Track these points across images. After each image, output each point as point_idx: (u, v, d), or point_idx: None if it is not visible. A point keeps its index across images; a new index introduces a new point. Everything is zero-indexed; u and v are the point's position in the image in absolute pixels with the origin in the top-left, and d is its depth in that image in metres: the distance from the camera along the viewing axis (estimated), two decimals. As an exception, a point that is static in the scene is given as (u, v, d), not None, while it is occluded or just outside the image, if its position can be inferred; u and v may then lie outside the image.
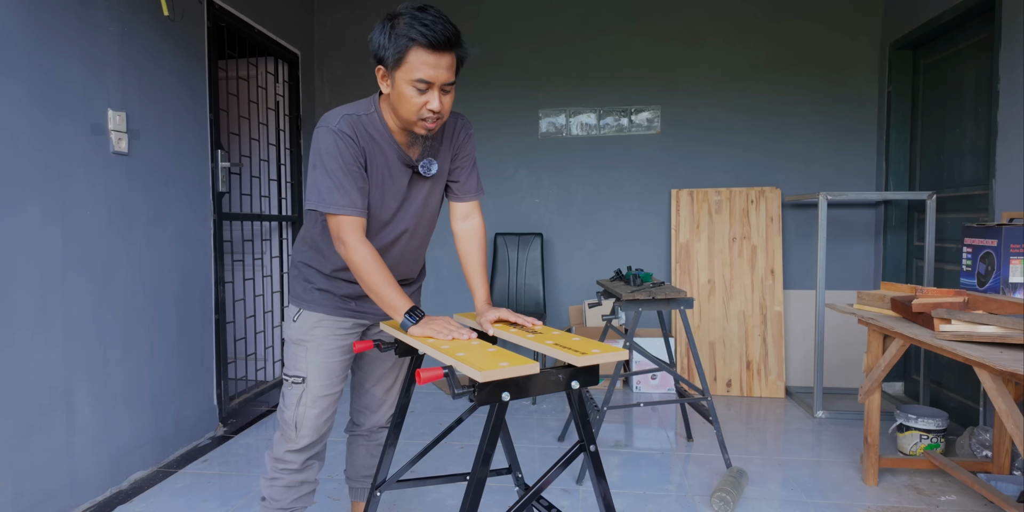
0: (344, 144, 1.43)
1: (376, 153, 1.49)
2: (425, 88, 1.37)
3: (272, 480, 1.66)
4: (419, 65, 1.35)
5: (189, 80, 2.81)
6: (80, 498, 2.21)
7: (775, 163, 3.83)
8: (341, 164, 1.43)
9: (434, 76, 1.37)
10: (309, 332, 1.61)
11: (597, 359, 1.24)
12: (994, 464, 2.32)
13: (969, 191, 3.00)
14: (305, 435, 1.62)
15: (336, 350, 1.63)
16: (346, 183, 1.43)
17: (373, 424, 1.84)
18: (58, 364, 2.11)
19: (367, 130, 1.48)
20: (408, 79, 1.37)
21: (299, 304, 1.64)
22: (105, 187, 2.31)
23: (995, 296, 1.95)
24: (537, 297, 3.91)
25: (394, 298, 1.42)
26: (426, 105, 1.39)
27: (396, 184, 1.55)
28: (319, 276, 1.64)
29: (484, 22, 4.02)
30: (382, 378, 1.80)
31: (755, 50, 3.80)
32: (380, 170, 1.51)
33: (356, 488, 1.91)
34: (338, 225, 1.44)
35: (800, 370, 3.75)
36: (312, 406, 1.61)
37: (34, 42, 2.01)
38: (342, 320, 1.64)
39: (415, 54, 1.35)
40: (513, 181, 4.07)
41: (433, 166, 1.56)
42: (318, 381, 1.61)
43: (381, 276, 1.42)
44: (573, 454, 1.31)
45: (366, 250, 1.43)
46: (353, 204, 1.44)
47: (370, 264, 1.42)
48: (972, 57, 3.00)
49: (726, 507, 2.17)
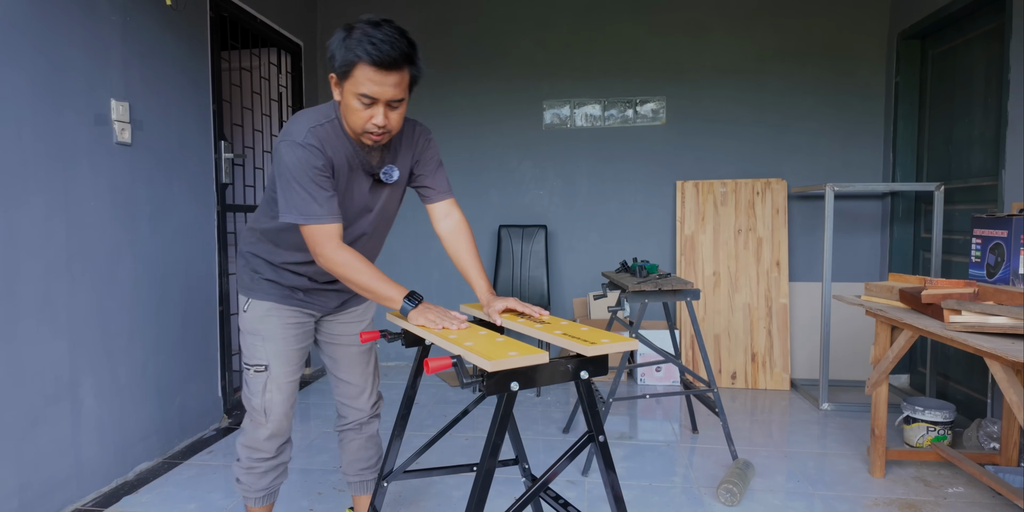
0: (313, 156, 1.43)
1: (340, 161, 1.50)
2: (370, 103, 1.38)
3: (249, 469, 1.70)
4: (364, 81, 1.35)
5: (192, 71, 2.79)
6: (86, 489, 2.21)
7: (781, 154, 3.80)
8: (313, 176, 1.43)
9: (379, 92, 1.37)
10: (262, 321, 1.64)
11: (607, 349, 1.23)
12: (1002, 456, 2.31)
13: (978, 182, 2.97)
14: (276, 419, 1.65)
15: (291, 338, 1.66)
16: (320, 194, 1.44)
17: (359, 414, 1.83)
18: (63, 355, 2.11)
19: (330, 138, 1.48)
20: (354, 92, 1.38)
21: (248, 294, 1.66)
22: (109, 178, 2.30)
23: (1005, 287, 1.93)
24: (541, 289, 3.90)
25: (389, 290, 1.44)
26: (371, 119, 1.40)
27: (358, 190, 1.56)
28: (267, 266, 1.66)
29: (487, 12, 3.99)
30: (354, 364, 1.80)
31: (761, 40, 3.77)
32: (344, 177, 1.52)
33: (354, 482, 1.90)
34: (318, 234, 1.45)
35: (805, 362, 3.74)
36: (278, 392, 1.65)
37: (37, 32, 2.00)
38: (291, 309, 1.66)
39: (361, 70, 1.35)
40: (517, 173, 4.05)
41: (395, 173, 1.58)
42: (281, 368, 1.64)
43: (368, 273, 1.44)
44: (581, 444, 1.30)
45: (347, 254, 1.45)
46: (331, 212, 1.45)
47: (355, 265, 1.44)
48: (982, 47, 2.97)
49: (732, 499, 2.16)
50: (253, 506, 1.74)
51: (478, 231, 4.06)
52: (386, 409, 3.23)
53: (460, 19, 4.02)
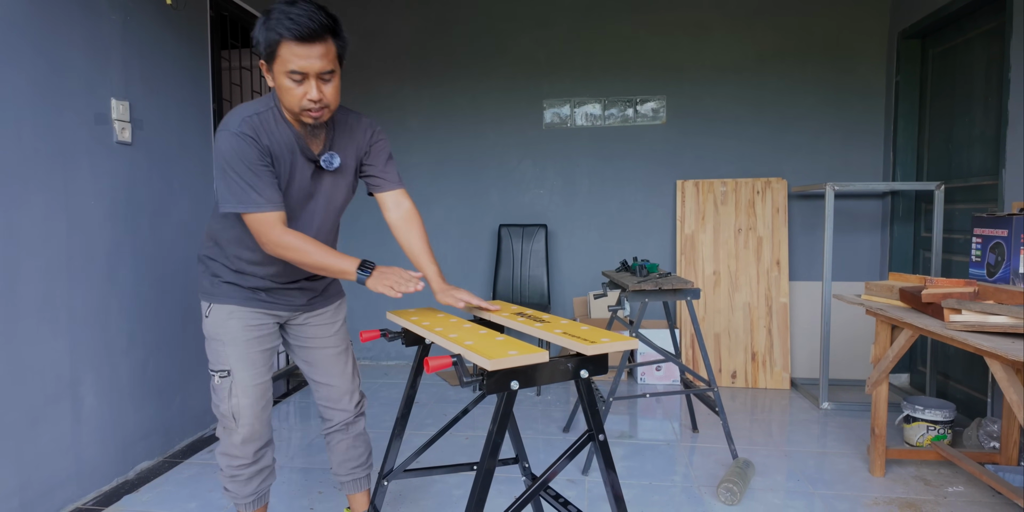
0: (247, 145, 1.45)
1: (280, 150, 1.51)
2: (301, 78, 1.41)
3: (232, 478, 1.68)
4: (290, 57, 1.38)
5: (192, 70, 2.79)
6: (87, 488, 2.22)
7: (781, 154, 3.80)
8: (249, 165, 1.44)
9: (306, 66, 1.39)
10: (223, 325, 1.61)
11: (607, 348, 1.23)
12: (1002, 455, 2.31)
13: (978, 181, 2.97)
14: (247, 423, 1.63)
15: (254, 341, 1.63)
16: (258, 182, 1.45)
17: (344, 415, 1.82)
18: (64, 354, 2.11)
19: (268, 128, 1.49)
20: (283, 71, 1.40)
21: (208, 298, 1.64)
22: (109, 177, 2.30)
23: (1005, 286, 1.93)
24: (542, 288, 3.90)
25: (341, 263, 1.44)
26: (305, 95, 1.42)
27: (300, 177, 1.56)
28: (224, 269, 1.65)
29: (487, 11, 3.99)
30: (330, 366, 1.78)
31: (762, 39, 3.77)
32: (285, 166, 1.53)
33: (347, 482, 1.89)
34: (260, 222, 1.45)
35: (805, 362, 3.74)
36: (244, 396, 1.62)
37: (37, 31, 2.00)
38: (254, 311, 1.64)
39: (285, 47, 1.38)
40: (517, 172, 4.05)
41: (335, 159, 1.58)
42: (244, 372, 1.62)
43: (317, 251, 1.44)
44: (581, 443, 1.30)
45: (291, 237, 1.45)
46: (270, 200, 1.46)
47: (302, 246, 1.44)
48: (982, 46, 2.97)
49: (732, 498, 2.17)
50: (245, 511, 1.73)
51: (478, 230, 4.07)
52: (386, 408, 3.23)
53: (460, 18, 4.02)
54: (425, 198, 4.05)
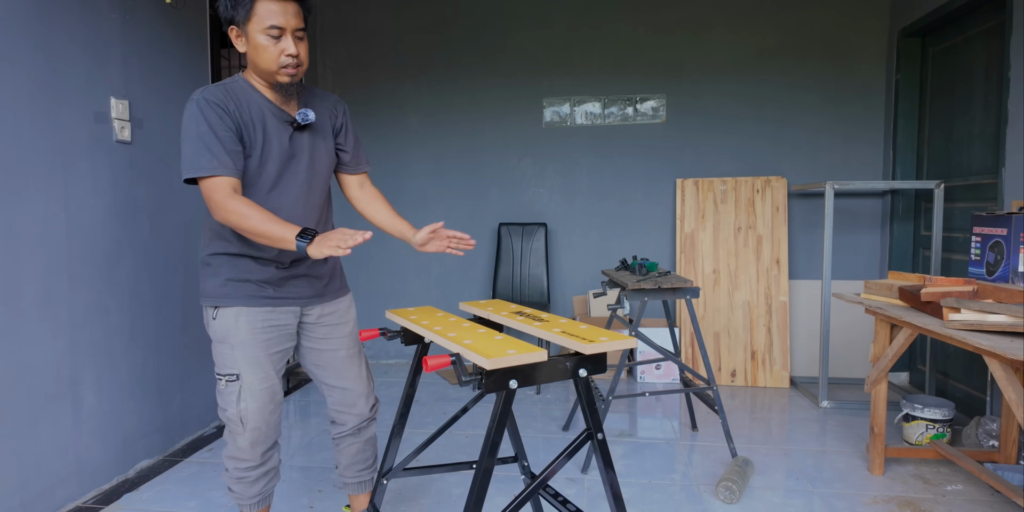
0: (208, 109, 1.46)
1: (251, 113, 1.53)
2: (278, 34, 1.48)
3: (239, 480, 1.67)
4: (267, 14, 1.46)
5: (192, 68, 2.79)
6: (87, 486, 2.22)
7: (781, 152, 3.80)
8: (207, 128, 1.45)
9: (284, 22, 1.47)
10: (232, 328, 1.58)
11: (605, 347, 1.23)
12: (1001, 454, 2.31)
13: (978, 180, 2.97)
14: (254, 427, 1.62)
15: (262, 344, 1.60)
16: (213, 145, 1.44)
17: (358, 420, 1.80)
18: (64, 353, 2.11)
19: (235, 95, 1.53)
20: (260, 28, 1.47)
21: (214, 301, 1.60)
22: (109, 176, 2.30)
23: (1005, 285, 1.93)
24: (541, 287, 3.90)
25: (281, 231, 1.37)
26: (284, 52, 1.48)
27: (279, 142, 1.57)
28: (228, 265, 1.60)
29: (487, 10, 3.99)
30: (343, 369, 1.76)
31: (761, 38, 3.76)
32: (258, 130, 1.54)
33: (352, 483, 1.89)
34: (209, 188, 1.44)
35: (805, 360, 3.75)
36: (252, 400, 1.60)
37: (37, 30, 2.00)
38: (262, 311, 1.61)
39: (262, 4, 1.46)
40: (517, 171, 4.04)
41: (310, 114, 1.59)
42: (252, 376, 1.60)
43: (259, 217, 1.39)
44: (580, 442, 1.30)
45: (237, 200, 1.41)
46: (223, 164, 1.44)
47: (244, 209, 1.40)
48: (982, 44, 2.96)
49: (732, 496, 2.17)
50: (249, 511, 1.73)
51: (478, 229, 4.06)
52: (385, 407, 3.23)
53: (460, 16, 4.02)
54: (425, 196, 4.05)
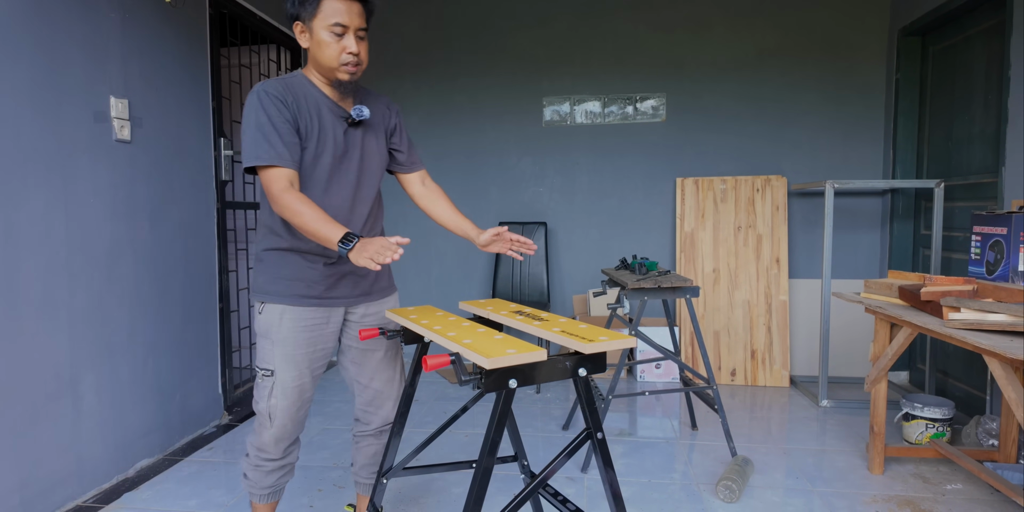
0: (268, 101, 1.50)
1: (308, 108, 1.57)
2: (342, 32, 1.51)
3: (256, 467, 1.71)
4: (332, 11, 1.49)
5: (191, 68, 2.79)
6: (87, 485, 2.22)
7: (781, 151, 3.80)
8: (266, 119, 1.49)
9: (348, 20, 1.50)
10: (273, 324, 1.62)
11: (604, 346, 1.23)
12: (1000, 453, 2.31)
13: (978, 179, 2.97)
14: (280, 424, 1.65)
15: (303, 342, 1.63)
16: (271, 136, 1.48)
17: (382, 422, 1.80)
18: (64, 352, 2.11)
19: (294, 89, 1.57)
20: (324, 25, 1.50)
21: (262, 297, 1.64)
22: (108, 175, 2.30)
23: (1004, 284, 1.93)
24: (541, 286, 3.90)
25: (329, 230, 1.39)
26: (345, 49, 1.52)
27: (334, 136, 1.60)
28: (280, 261, 1.63)
29: (487, 9, 3.98)
30: (378, 371, 1.77)
31: (762, 37, 3.76)
32: (314, 122, 1.57)
33: (364, 483, 1.90)
34: (267, 178, 1.48)
35: (805, 359, 3.75)
36: (283, 398, 1.63)
37: (36, 29, 1.99)
38: (307, 310, 1.63)
39: (327, 3, 1.49)
40: (517, 170, 4.04)
41: (364, 110, 1.61)
42: (286, 373, 1.62)
43: (310, 212, 1.42)
44: (580, 441, 1.30)
45: (293, 195, 1.45)
46: (280, 156, 1.48)
47: (298, 206, 1.43)
48: (982, 43, 2.96)
49: (731, 495, 2.17)
50: (257, 502, 1.74)
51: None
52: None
53: (460, 15, 4.02)
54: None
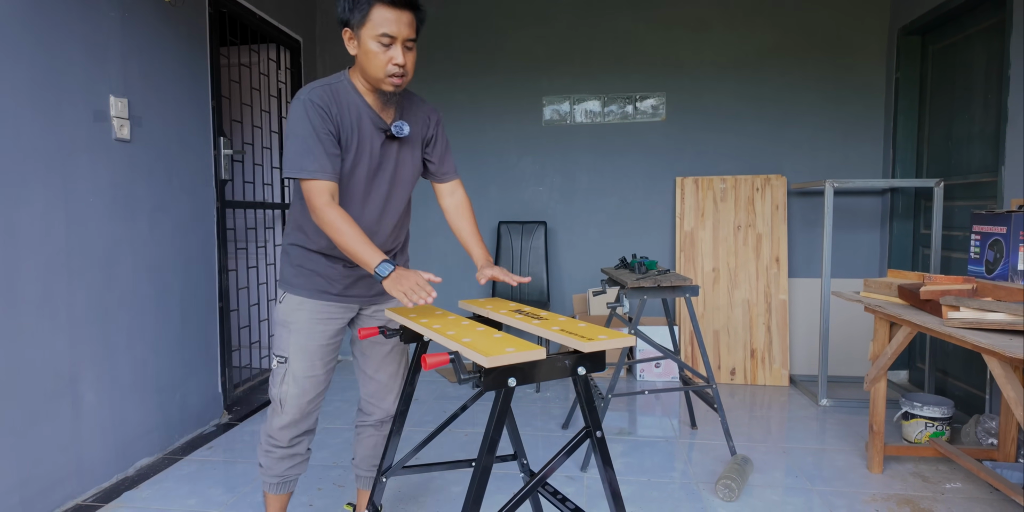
0: (313, 112, 1.51)
1: (349, 118, 1.58)
2: (389, 42, 1.49)
3: (267, 452, 1.75)
4: (381, 21, 1.47)
5: (191, 67, 2.79)
6: (87, 484, 2.22)
7: (781, 150, 3.80)
8: (311, 130, 1.51)
9: (396, 31, 1.48)
10: (292, 314, 1.67)
11: (603, 345, 1.23)
12: (1000, 452, 2.31)
13: (977, 178, 2.97)
14: (289, 412, 1.69)
15: (318, 334, 1.68)
16: (316, 148, 1.50)
17: (383, 414, 1.84)
18: (63, 351, 2.11)
19: (339, 97, 1.57)
20: (373, 35, 1.49)
21: (284, 287, 1.71)
22: (108, 174, 2.30)
23: (1004, 283, 1.93)
24: (541, 285, 3.90)
25: (367, 254, 1.45)
26: (392, 60, 1.50)
27: (371, 148, 1.62)
28: (304, 257, 1.69)
29: (486, 7, 3.98)
30: (384, 364, 1.80)
31: (761, 36, 3.76)
32: (353, 134, 1.58)
33: (363, 477, 1.92)
34: (309, 190, 1.50)
35: (804, 359, 3.75)
36: (293, 385, 1.67)
37: (36, 28, 1.99)
38: (323, 304, 1.68)
39: (377, 11, 1.47)
40: (517, 169, 4.04)
41: (405, 127, 1.63)
42: (299, 363, 1.67)
43: (351, 233, 1.46)
44: (579, 440, 1.30)
45: (335, 212, 1.48)
46: (323, 168, 1.50)
47: (340, 224, 1.47)
48: (982, 42, 2.96)
49: (731, 494, 2.17)
50: (270, 492, 1.77)
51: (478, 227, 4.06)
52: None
53: (459, 14, 4.01)
54: (424, 195, 4.05)
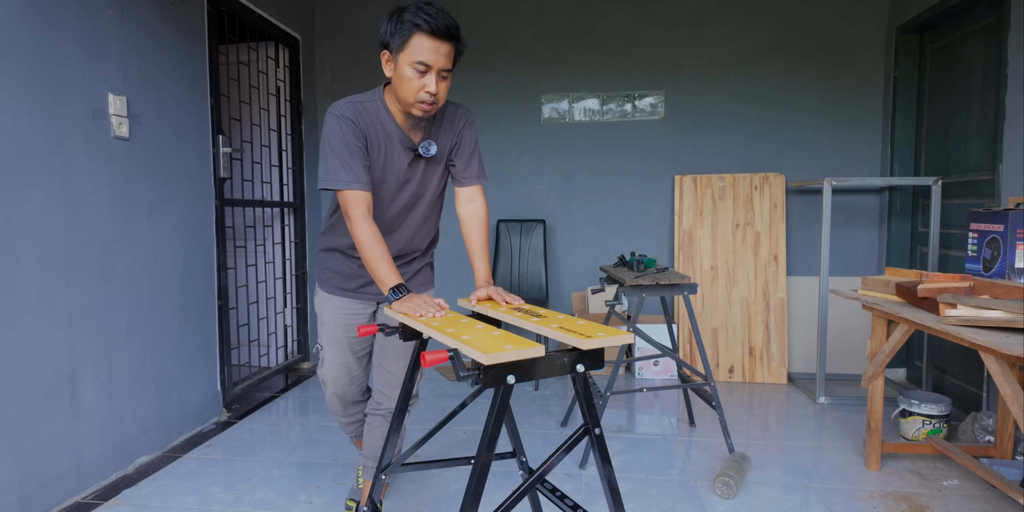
0: (346, 126, 1.60)
1: (378, 135, 1.64)
2: (424, 70, 1.52)
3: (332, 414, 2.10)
4: (420, 49, 1.50)
5: (190, 65, 2.78)
6: (86, 482, 2.22)
7: (779, 149, 3.80)
8: (345, 144, 1.59)
9: (433, 60, 1.51)
10: (322, 307, 1.88)
11: (602, 342, 1.24)
12: (997, 449, 2.32)
13: (975, 176, 2.98)
14: (331, 389, 1.95)
15: (342, 327, 1.86)
16: (351, 161, 1.59)
17: (391, 404, 1.90)
18: (62, 349, 2.11)
19: (370, 115, 1.64)
20: (409, 61, 1.51)
21: (319, 283, 1.91)
22: (107, 172, 2.30)
23: (1001, 281, 1.94)
24: (540, 284, 3.91)
25: (385, 274, 1.55)
26: (424, 88, 1.53)
27: (397, 165, 1.69)
28: (330, 257, 1.85)
29: (486, 5, 3.98)
30: (397, 357, 1.89)
31: (760, 35, 3.76)
32: (382, 151, 1.66)
33: (371, 467, 1.94)
34: (345, 200, 1.59)
35: (802, 356, 3.76)
36: (329, 369, 1.91)
37: (34, 25, 1.99)
38: (344, 300, 1.85)
39: (417, 39, 1.49)
40: (516, 167, 4.04)
41: (432, 147, 1.69)
42: (330, 351, 1.89)
43: (376, 252, 1.56)
44: (578, 437, 1.31)
45: (367, 226, 1.57)
46: (359, 180, 1.59)
47: (368, 240, 1.56)
48: (980, 41, 2.96)
49: (729, 491, 2.18)
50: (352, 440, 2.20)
51: (476, 225, 4.06)
52: (385, 403, 3.23)
53: (458, 12, 4.00)
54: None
